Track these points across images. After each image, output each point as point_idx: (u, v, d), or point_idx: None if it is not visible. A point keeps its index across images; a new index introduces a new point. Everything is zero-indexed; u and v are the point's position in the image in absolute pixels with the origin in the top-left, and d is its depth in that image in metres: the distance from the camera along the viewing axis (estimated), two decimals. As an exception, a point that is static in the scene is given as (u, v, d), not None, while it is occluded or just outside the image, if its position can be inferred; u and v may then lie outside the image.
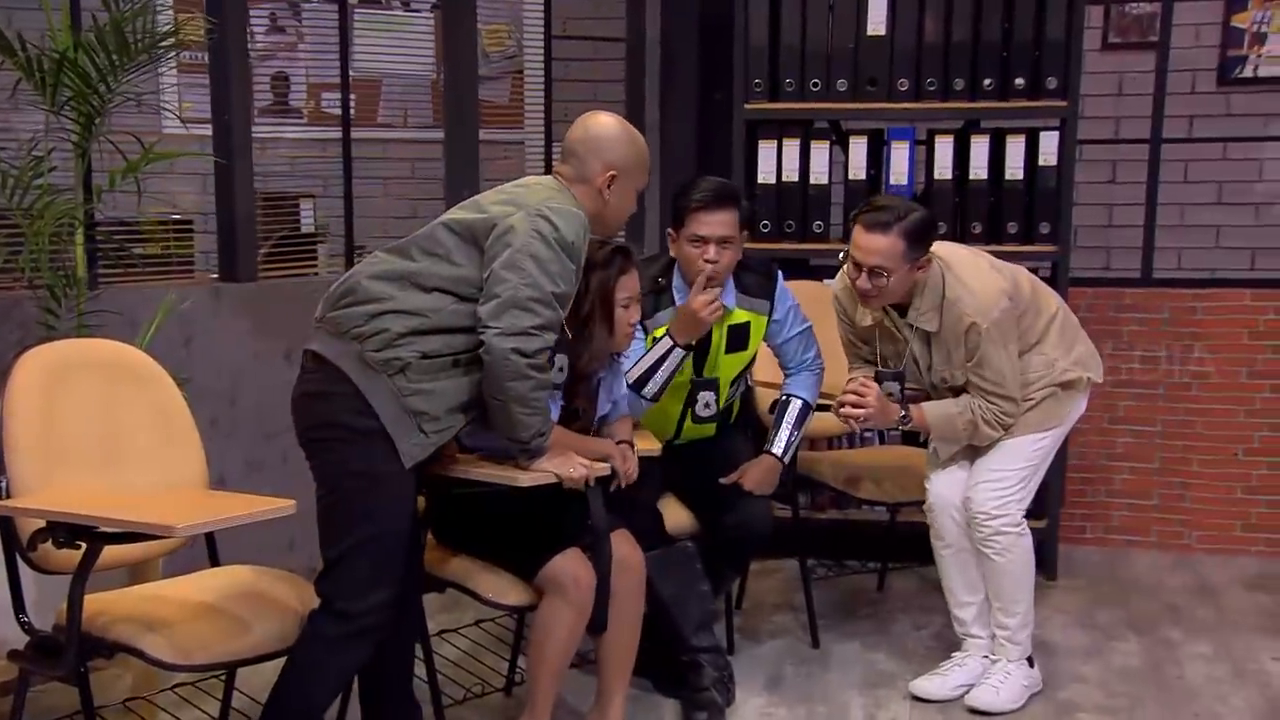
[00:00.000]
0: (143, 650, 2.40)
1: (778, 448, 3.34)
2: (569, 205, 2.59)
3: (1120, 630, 3.80)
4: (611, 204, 2.71)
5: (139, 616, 2.46)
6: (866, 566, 4.25)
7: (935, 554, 3.35)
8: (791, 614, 3.88)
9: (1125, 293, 4.50)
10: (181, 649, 2.40)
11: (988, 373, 3.13)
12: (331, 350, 2.52)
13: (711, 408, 3.33)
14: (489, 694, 3.28)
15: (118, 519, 2.30)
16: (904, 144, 4.05)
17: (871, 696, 3.33)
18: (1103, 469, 4.57)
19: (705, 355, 3.29)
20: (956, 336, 3.11)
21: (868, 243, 3.04)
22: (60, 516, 2.37)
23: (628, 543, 2.88)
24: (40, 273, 2.96)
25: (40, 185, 3.00)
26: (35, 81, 2.93)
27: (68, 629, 2.41)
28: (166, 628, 2.42)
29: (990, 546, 3.19)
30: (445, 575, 2.87)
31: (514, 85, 4.86)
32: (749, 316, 3.31)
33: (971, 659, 3.33)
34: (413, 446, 2.50)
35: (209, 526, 2.32)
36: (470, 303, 2.50)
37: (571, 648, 2.80)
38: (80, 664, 2.45)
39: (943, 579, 3.35)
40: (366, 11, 4.46)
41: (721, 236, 3.16)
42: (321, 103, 4.47)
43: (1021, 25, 3.95)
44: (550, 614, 2.75)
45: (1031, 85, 3.96)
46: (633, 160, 2.73)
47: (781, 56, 4.08)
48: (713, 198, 3.16)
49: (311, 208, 4.17)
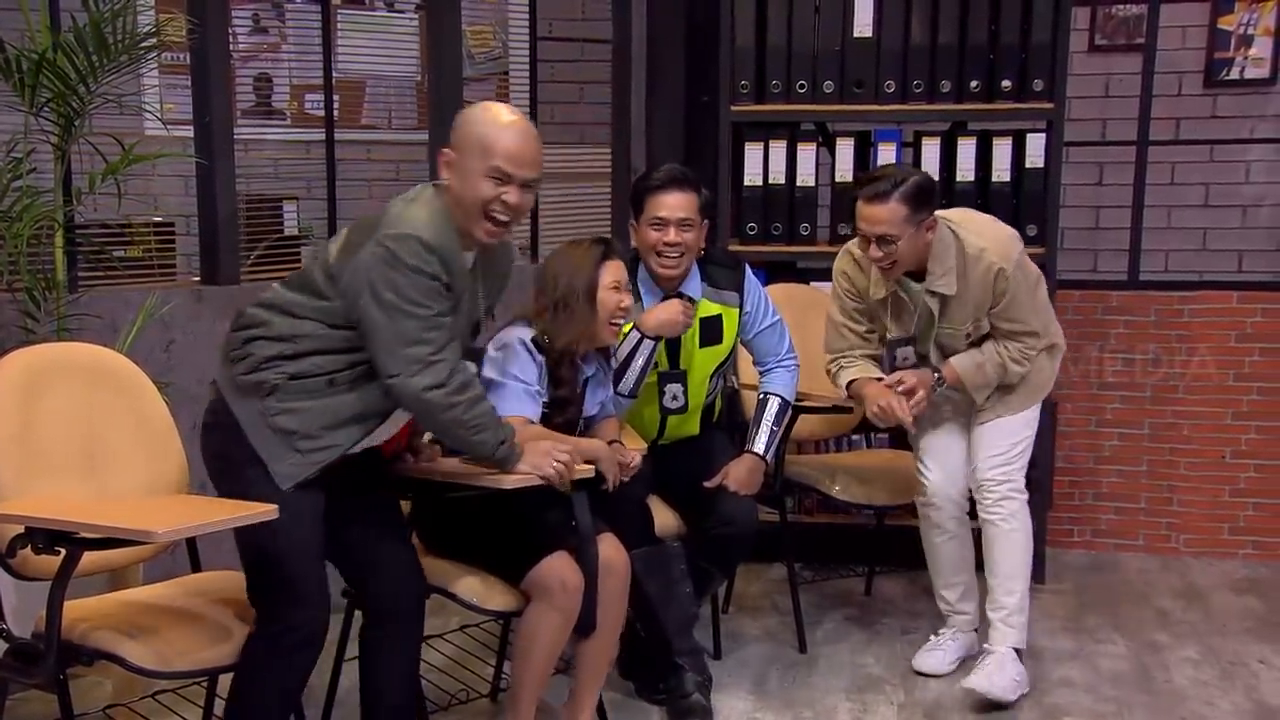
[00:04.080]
0: (123, 657, 2.39)
1: (759, 446, 3.33)
2: (416, 214, 2.47)
3: (1108, 634, 3.80)
4: (454, 188, 2.52)
5: (119, 623, 2.44)
6: (854, 570, 4.23)
7: (929, 544, 3.45)
8: (778, 617, 3.87)
9: (1112, 295, 4.49)
10: (162, 656, 2.38)
11: (1015, 312, 3.25)
12: (219, 376, 2.58)
13: (680, 399, 3.32)
14: (474, 700, 3.26)
15: (97, 524, 2.27)
16: (891, 145, 4.04)
17: (859, 700, 3.31)
18: (1090, 472, 4.57)
19: (678, 349, 3.28)
20: (985, 288, 3.20)
21: (871, 213, 3.11)
22: (39, 522, 2.34)
23: (613, 545, 2.86)
24: (19, 275, 2.92)
25: (19, 187, 2.97)
26: (14, 82, 2.89)
27: (47, 636, 2.39)
28: (147, 634, 2.40)
29: (997, 513, 3.30)
30: (429, 580, 2.84)
31: (499, 87, 4.83)
32: (719, 309, 3.31)
33: (962, 634, 3.48)
34: (289, 467, 2.46)
35: (190, 532, 2.30)
36: (343, 330, 2.47)
37: (556, 651, 2.79)
38: (60, 671, 2.41)
39: (933, 563, 3.46)
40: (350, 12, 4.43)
41: (681, 218, 3.17)
42: (305, 104, 4.43)
43: (1008, 27, 3.94)
44: (536, 618, 2.73)
45: (1018, 87, 3.95)
46: (469, 140, 2.51)
47: (768, 58, 4.06)
48: (670, 180, 3.19)
49: (295, 210, 4.13)
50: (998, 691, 3.21)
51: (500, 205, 2.50)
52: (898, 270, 3.19)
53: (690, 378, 3.32)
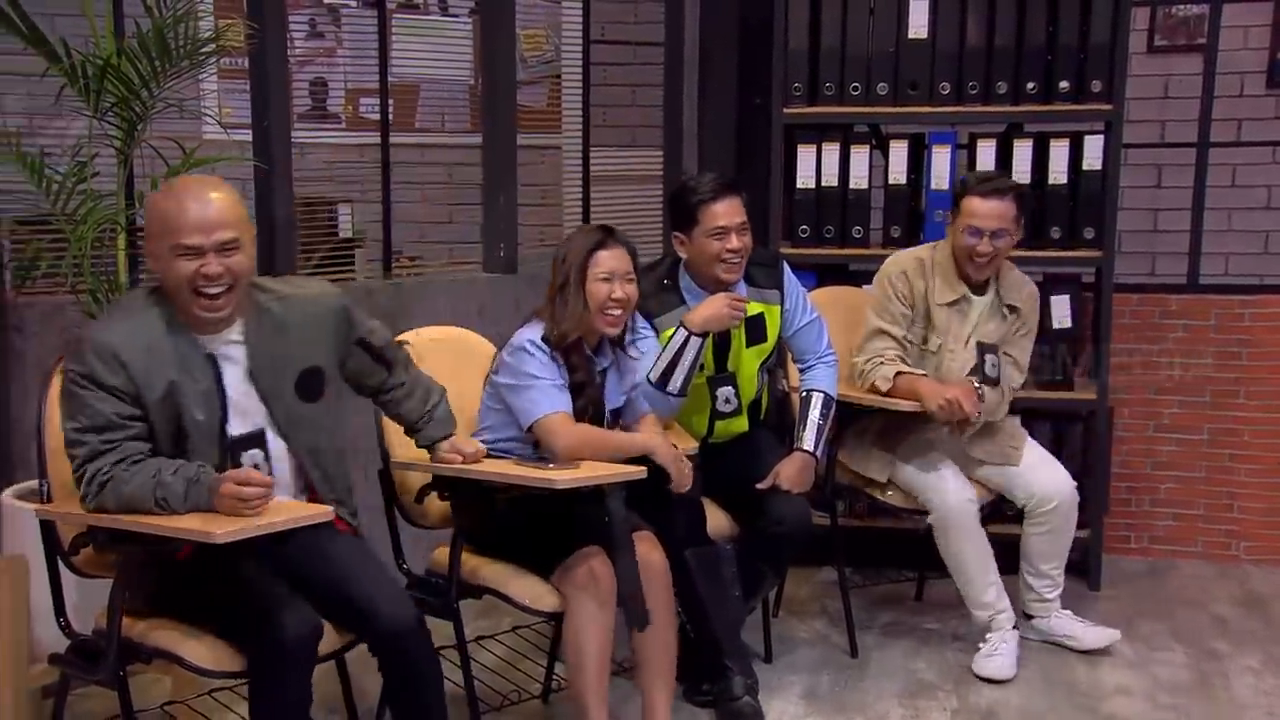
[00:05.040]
0: (182, 656, 2.42)
1: (808, 443, 3.33)
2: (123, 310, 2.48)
3: (1165, 641, 3.74)
4: (161, 278, 2.42)
5: (178, 623, 2.46)
6: (904, 575, 4.20)
7: (959, 554, 3.48)
8: (828, 621, 3.85)
9: (1171, 299, 4.43)
10: (218, 657, 2.41)
11: (1028, 344, 3.56)
12: None
13: (732, 402, 3.33)
14: (526, 700, 3.27)
15: (159, 525, 2.31)
16: (945, 148, 4.01)
17: (911, 706, 3.29)
18: (1147, 478, 4.50)
19: (727, 350, 3.29)
20: (1031, 310, 3.53)
21: (989, 209, 3.37)
22: (100, 522, 2.39)
23: (650, 544, 2.87)
24: (83, 277, 2.97)
25: (83, 191, 3.02)
26: (79, 88, 2.94)
27: (108, 634, 2.43)
28: (205, 635, 2.43)
29: (1074, 516, 3.55)
30: (480, 582, 2.88)
31: (551, 90, 4.85)
32: (762, 308, 3.33)
33: (1010, 634, 3.50)
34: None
35: (248, 533, 2.29)
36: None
37: (606, 646, 2.77)
38: (120, 669, 2.45)
39: (967, 571, 3.49)
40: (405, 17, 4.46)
41: (740, 223, 3.20)
42: (359, 108, 4.47)
43: (1066, 28, 3.90)
44: (576, 614, 2.75)
45: (1076, 88, 3.91)
46: (150, 224, 2.43)
47: (821, 60, 4.05)
48: (720, 188, 3.21)
49: (349, 213, 4.17)
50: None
51: (203, 279, 2.38)
52: (991, 268, 3.43)
53: (739, 377, 3.33)
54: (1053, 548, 3.56)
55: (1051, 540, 3.54)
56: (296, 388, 2.52)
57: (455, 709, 3.07)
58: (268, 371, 2.49)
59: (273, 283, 2.58)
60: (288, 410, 2.51)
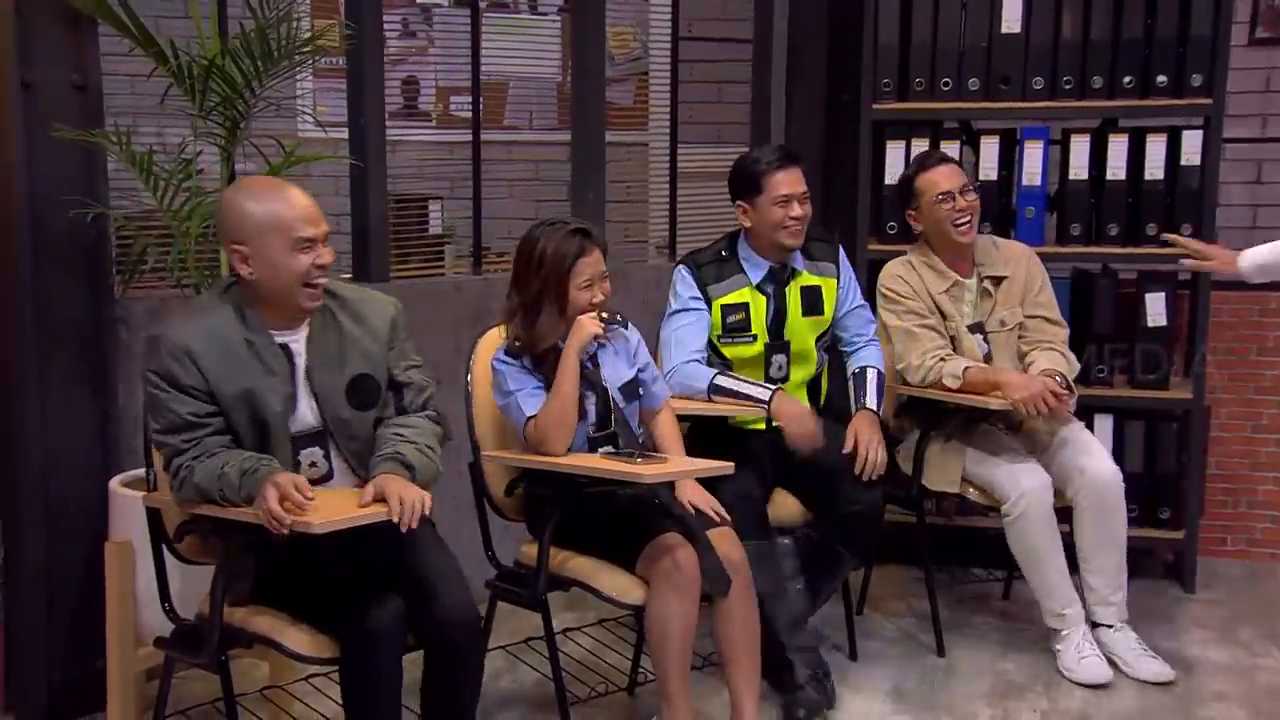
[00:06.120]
0: (280, 642, 2.48)
1: (871, 402, 3.38)
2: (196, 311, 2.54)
3: (1265, 646, 3.66)
4: (262, 277, 2.45)
5: (277, 610, 2.52)
6: (992, 574, 4.16)
7: (1039, 555, 3.41)
8: (914, 620, 3.82)
9: (1270, 297, 4.32)
10: (316, 644, 2.46)
11: (1048, 296, 3.56)
12: None
13: (784, 369, 3.37)
14: (613, 693, 3.30)
15: (246, 514, 2.35)
16: (1038, 144, 3.97)
17: (1000, 707, 3.26)
18: (1245, 479, 4.40)
19: (783, 319, 3.34)
20: (1031, 272, 3.56)
21: (951, 169, 3.51)
22: (203, 511, 2.45)
23: (730, 541, 2.89)
24: (187, 272, 3.05)
25: (189, 188, 3.10)
26: (185, 88, 3.02)
27: (210, 620, 2.50)
28: (302, 622, 2.48)
29: (1120, 502, 3.42)
30: (567, 574, 2.92)
31: (638, 87, 4.87)
32: (819, 280, 3.39)
33: (1089, 631, 3.45)
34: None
35: (344, 524, 2.34)
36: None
37: (688, 631, 2.78)
38: (221, 653, 2.52)
39: (1046, 568, 3.41)
40: (495, 16, 4.52)
41: (802, 192, 3.29)
42: (450, 106, 4.54)
43: (1165, 20, 3.84)
44: (659, 601, 2.77)
45: (1174, 82, 3.84)
46: (254, 225, 2.44)
47: (912, 55, 4.02)
48: (784, 158, 3.30)
49: (439, 209, 4.23)
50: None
51: (318, 270, 2.47)
52: (974, 223, 3.51)
53: (793, 348, 3.37)
54: (1103, 536, 3.43)
55: (1099, 527, 3.42)
56: (348, 393, 2.55)
57: (544, 700, 3.14)
58: (322, 371, 2.54)
59: (332, 284, 2.61)
60: (336, 412, 2.54)
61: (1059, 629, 3.45)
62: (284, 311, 2.51)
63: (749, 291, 3.34)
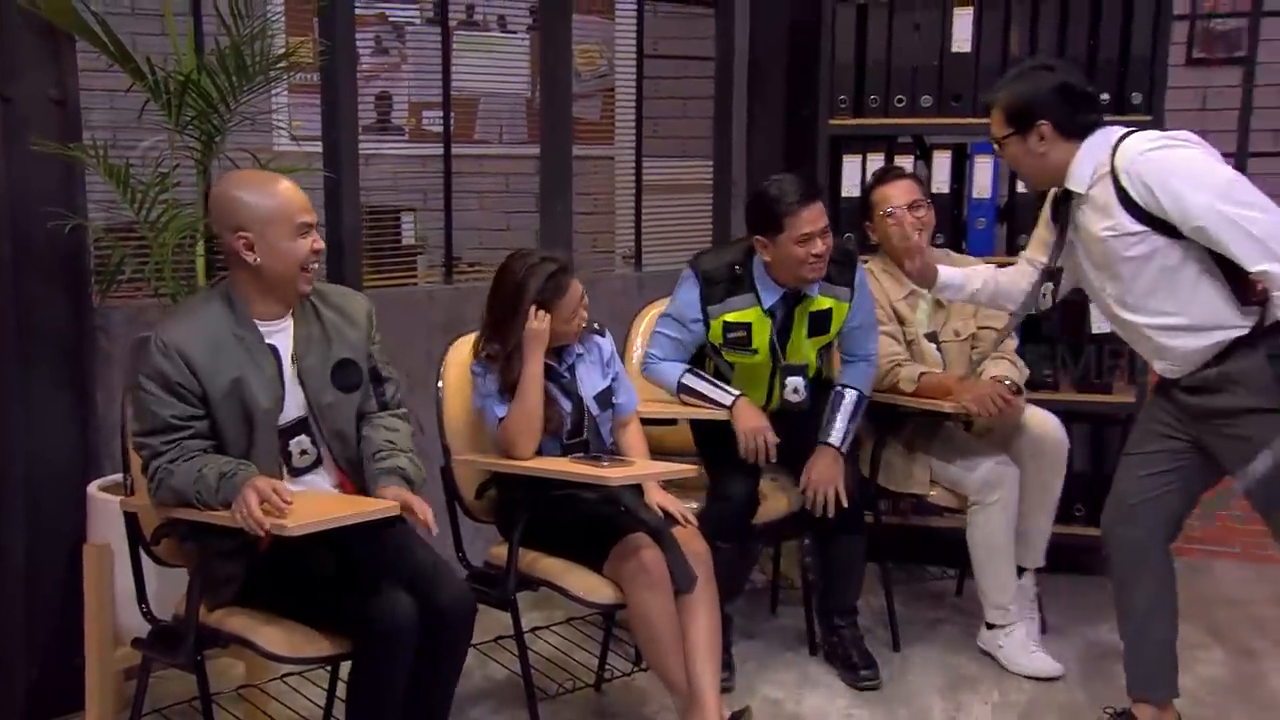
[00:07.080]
0: (256, 643, 2.52)
1: (835, 437, 3.39)
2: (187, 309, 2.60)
3: (1203, 640, 3.79)
4: (266, 262, 2.53)
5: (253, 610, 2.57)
6: (945, 573, 4.28)
7: (998, 547, 3.54)
8: (870, 616, 3.91)
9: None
10: (292, 643, 2.51)
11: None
12: None
13: (801, 393, 3.43)
14: (580, 689, 3.38)
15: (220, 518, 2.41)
16: (988, 158, 4.09)
17: (953, 700, 3.38)
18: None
19: (786, 339, 3.38)
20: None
21: (907, 185, 3.65)
22: (179, 514, 2.50)
23: (695, 537, 3.00)
24: (164, 281, 3.12)
25: (165, 200, 3.16)
26: (162, 102, 3.09)
27: (186, 620, 2.53)
28: (278, 622, 2.54)
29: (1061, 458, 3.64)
30: (537, 575, 2.99)
31: (605, 102, 4.98)
32: (831, 303, 3.40)
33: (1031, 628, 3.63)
34: None
35: (319, 526, 2.39)
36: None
37: (674, 623, 2.87)
38: (197, 653, 2.57)
39: (1005, 564, 3.56)
40: (466, 33, 4.61)
41: (823, 228, 3.25)
42: (422, 120, 4.63)
43: (1107, 41, 3.97)
44: (639, 605, 2.85)
45: (1116, 100, 3.97)
46: (258, 212, 2.52)
47: (867, 73, 4.15)
48: (804, 195, 3.24)
49: (412, 220, 4.32)
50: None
51: (314, 254, 2.58)
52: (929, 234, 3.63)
53: (794, 361, 3.44)
54: (1042, 498, 3.59)
55: (1037, 478, 3.57)
56: (333, 376, 2.64)
57: (514, 697, 3.22)
58: (309, 355, 2.63)
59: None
60: (320, 397, 2.62)
61: (1003, 624, 3.57)
62: (278, 297, 2.59)
63: (756, 313, 3.34)
